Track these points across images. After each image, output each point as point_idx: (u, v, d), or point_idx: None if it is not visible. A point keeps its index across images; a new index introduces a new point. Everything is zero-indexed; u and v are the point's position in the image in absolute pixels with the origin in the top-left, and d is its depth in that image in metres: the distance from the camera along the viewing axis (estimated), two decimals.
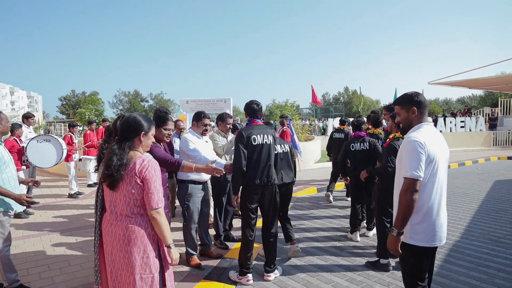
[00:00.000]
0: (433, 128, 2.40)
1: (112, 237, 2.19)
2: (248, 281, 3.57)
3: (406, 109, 2.39)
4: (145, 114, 2.51)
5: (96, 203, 2.40)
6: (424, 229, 2.25)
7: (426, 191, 2.24)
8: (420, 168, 2.16)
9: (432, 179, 2.25)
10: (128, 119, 2.27)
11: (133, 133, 2.23)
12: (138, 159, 2.15)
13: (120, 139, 2.23)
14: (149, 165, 2.16)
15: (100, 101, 16.74)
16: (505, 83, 22.48)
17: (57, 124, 30.72)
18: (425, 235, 2.25)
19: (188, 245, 3.93)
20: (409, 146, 2.23)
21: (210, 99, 21.98)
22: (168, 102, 64.96)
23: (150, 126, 2.30)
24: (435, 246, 2.31)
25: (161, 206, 2.17)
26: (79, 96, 65.41)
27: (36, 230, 5.39)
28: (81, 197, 7.78)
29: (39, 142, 6.45)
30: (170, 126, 3.36)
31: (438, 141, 2.32)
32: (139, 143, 2.25)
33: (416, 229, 2.25)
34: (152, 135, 2.33)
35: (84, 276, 3.76)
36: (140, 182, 2.13)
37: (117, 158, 2.12)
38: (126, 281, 2.14)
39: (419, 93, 2.42)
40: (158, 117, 3.34)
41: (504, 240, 4.65)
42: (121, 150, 2.15)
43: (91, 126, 9.01)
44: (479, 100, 53.03)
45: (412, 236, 2.26)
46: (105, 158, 2.20)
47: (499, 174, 10.22)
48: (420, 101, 2.37)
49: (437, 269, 3.82)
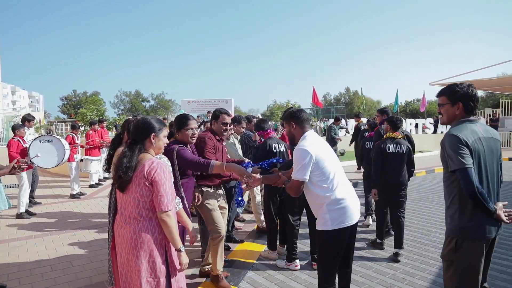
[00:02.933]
0: (315, 134, 2.71)
1: (122, 239, 2.19)
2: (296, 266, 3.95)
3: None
4: (156, 117, 2.53)
5: (109, 205, 2.42)
6: None
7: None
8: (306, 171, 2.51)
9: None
10: (139, 122, 2.30)
11: (143, 135, 2.25)
12: (148, 161, 2.16)
13: (131, 141, 2.26)
14: (158, 167, 2.15)
15: (101, 101, 16.82)
16: (506, 84, 22.45)
17: (59, 124, 30.80)
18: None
19: (205, 244, 3.88)
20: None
21: (212, 100, 22.02)
22: (170, 102, 65.04)
23: (161, 127, 2.31)
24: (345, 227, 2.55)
25: (170, 209, 2.16)
26: (80, 96, 65.53)
27: (38, 230, 5.41)
28: (83, 197, 7.79)
29: (41, 142, 6.47)
30: (192, 125, 3.18)
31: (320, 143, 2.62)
32: (150, 145, 2.26)
33: None
34: (164, 137, 2.33)
35: (87, 277, 3.77)
36: (149, 185, 2.13)
37: (126, 160, 2.14)
38: (135, 283, 2.15)
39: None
40: (178, 120, 3.23)
41: (506, 242, 4.65)
42: (131, 152, 2.17)
43: (93, 126, 9.05)
44: (481, 101, 52.90)
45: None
46: (116, 161, 2.22)
47: None
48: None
49: (438, 270, 3.83)
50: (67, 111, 61.45)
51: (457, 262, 2.20)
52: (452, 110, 2.29)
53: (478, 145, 2.16)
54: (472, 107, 2.25)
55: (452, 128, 2.27)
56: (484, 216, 2.14)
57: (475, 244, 2.16)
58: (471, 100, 2.24)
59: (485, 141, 2.22)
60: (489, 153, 2.22)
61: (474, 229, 2.15)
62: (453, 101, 2.27)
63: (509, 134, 18.01)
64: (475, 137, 2.17)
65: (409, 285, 3.54)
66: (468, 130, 2.18)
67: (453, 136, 2.16)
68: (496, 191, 2.28)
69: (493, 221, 2.16)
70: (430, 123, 17.41)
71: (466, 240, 2.17)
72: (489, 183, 2.21)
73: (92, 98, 17.25)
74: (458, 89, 2.27)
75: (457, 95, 2.26)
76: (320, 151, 2.54)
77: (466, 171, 2.08)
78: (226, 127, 3.62)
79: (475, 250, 2.16)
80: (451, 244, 2.22)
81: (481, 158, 2.17)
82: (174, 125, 3.26)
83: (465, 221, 2.16)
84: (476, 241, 2.16)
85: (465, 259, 2.18)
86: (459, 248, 2.18)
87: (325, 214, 2.52)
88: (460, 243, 2.18)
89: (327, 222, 2.52)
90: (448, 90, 2.30)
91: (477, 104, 2.28)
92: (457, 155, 2.11)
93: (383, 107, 5.99)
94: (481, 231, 2.15)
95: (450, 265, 2.23)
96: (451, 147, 2.14)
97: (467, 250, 2.17)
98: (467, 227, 2.16)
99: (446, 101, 2.31)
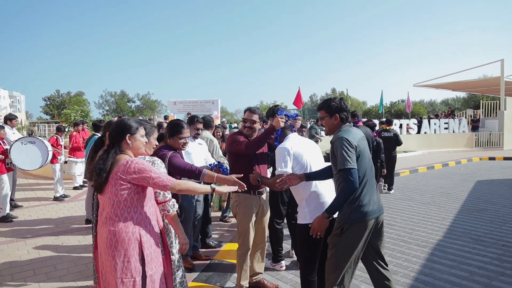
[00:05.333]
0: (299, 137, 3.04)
1: (100, 239, 2.21)
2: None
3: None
4: (134, 118, 2.52)
5: (93, 205, 2.41)
6: None
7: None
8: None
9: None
10: (114, 124, 2.31)
11: (118, 136, 2.24)
12: (123, 161, 2.16)
13: (108, 144, 2.27)
14: (133, 161, 2.15)
15: (86, 102, 16.58)
16: (486, 86, 23.17)
17: (41, 125, 30.13)
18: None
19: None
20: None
21: (198, 100, 21.94)
22: (156, 102, 64.43)
23: (137, 127, 2.29)
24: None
25: (174, 181, 2.18)
26: (64, 96, 64.29)
27: (21, 234, 5.30)
28: (66, 200, 7.66)
29: (23, 144, 6.34)
30: (185, 134, 3.15)
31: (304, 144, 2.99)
32: (127, 146, 2.25)
33: None
34: (141, 137, 2.31)
35: (72, 280, 3.72)
36: (127, 183, 2.13)
37: (101, 162, 2.15)
38: (111, 283, 2.16)
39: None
40: (172, 126, 3.15)
41: (484, 239, 4.80)
42: (106, 154, 2.18)
43: (77, 127, 8.91)
44: (462, 102, 54.31)
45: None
46: (94, 162, 2.22)
47: (481, 174, 10.51)
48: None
49: (421, 267, 3.94)
50: (50, 112, 60.19)
51: (339, 244, 2.49)
52: (331, 121, 2.65)
53: (362, 143, 2.53)
54: (346, 116, 2.63)
55: (340, 132, 2.56)
56: (366, 202, 2.48)
57: (358, 227, 2.46)
58: (344, 111, 2.63)
59: (363, 139, 2.61)
60: (367, 149, 2.60)
61: (357, 215, 2.46)
62: (330, 114, 2.63)
63: (489, 134, 18.52)
64: (359, 137, 2.55)
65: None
66: (353, 133, 2.53)
67: (343, 138, 2.45)
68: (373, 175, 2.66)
69: (372, 207, 2.50)
70: (414, 124, 17.75)
71: (352, 225, 2.46)
72: (371, 170, 2.60)
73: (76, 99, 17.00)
74: (333, 103, 2.63)
75: (333, 108, 2.62)
76: (300, 148, 2.88)
77: (350, 171, 2.38)
78: (245, 124, 3.37)
79: (358, 233, 2.46)
80: (337, 230, 2.51)
81: (365, 153, 2.54)
82: (166, 130, 3.20)
83: (352, 209, 2.47)
84: (360, 224, 2.46)
85: (348, 241, 2.48)
86: (344, 232, 2.47)
87: (305, 209, 2.78)
88: (346, 228, 2.47)
89: (306, 216, 2.76)
90: (325, 105, 2.67)
91: (349, 114, 2.66)
92: (345, 156, 2.40)
93: (354, 111, 6.57)
94: (363, 216, 2.46)
95: (333, 247, 2.53)
96: (341, 148, 2.43)
97: (351, 233, 2.46)
98: (353, 214, 2.47)
99: (325, 114, 2.67)
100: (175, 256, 2.60)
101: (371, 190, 2.54)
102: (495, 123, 18.81)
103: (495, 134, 18.30)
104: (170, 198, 2.58)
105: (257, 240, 3.42)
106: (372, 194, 2.54)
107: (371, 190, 2.53)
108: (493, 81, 20.56)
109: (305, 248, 2.82)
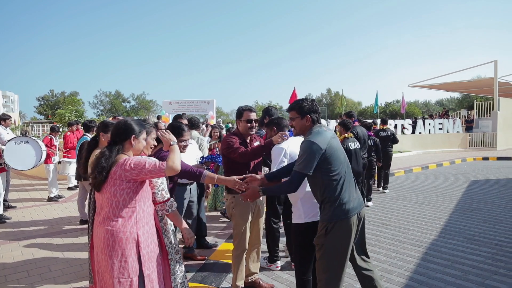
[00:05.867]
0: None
1: (97, 239, 2.21)
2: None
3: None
4: (137, 119, 2.53)
5: (89, 204, 2.42)
6: None
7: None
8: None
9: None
10: (119, 123, 2.33)
11: (123, 136, 2.27)
12: (121, 160, 2.18)
13: (110, 142, 2.28)
14: (129, 159, 2.18)
15: (80, 102, 16.46)
16: (480, 87, 23.37)
17: (35, 125, 29.89)
18: None
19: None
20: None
21: (193, 100, 21.89)
22: (151, 103, 64.16)
23: (141, 130, 2.34)
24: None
25: (166, 163, 2.19)
26: (58, 96, 63.82)
27: (14, 235, 5.26)
28: (61, 200, 7.61)
29: (17, 143, 6.29)
30: (186, 137, 3.17)
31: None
32: (130, 147, 2.29)
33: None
34: (143, 139, 2.36)
35: (66, 281, 3.70)
36: (127, 182, 2.15)
37: (104, 160, 2.17)
38: (108, 283, 2.17)
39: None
40: (173, 129, 3.11)
41: (478, 238, 4.85)
42: (109, 153, 2.20)
43: (71, 128, 8.85)
44: (457, 102, 54.69)
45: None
46: (94, 160, 2.23)
47: (475, 174, 10.60)
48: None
49: (415, 266, 3.97)
50: (44, 112, 59.71)
51: (326, 244, 2.48)
52: (302, 123, 2.62)
53: (333, 143, 2.51)
54: (317, 118, 2.63)
55: (310, 135, 2.54)
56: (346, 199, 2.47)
57: (343, 225, 2.45)
58: (316, 112, 2.62)
59: (334, 138, 2.60)
60: (340, 146, 2.63)
61: (340, 213, 2.45)
62: (302, 115, 2.60)
63: (483, 135, 18.69)
64: (329, 139, 2.52)
65: (387, 281, 3.64)
66: (322, 135, 2.50)
67: (311, 142, 2.44)
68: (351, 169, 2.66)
69: (353, 203, 2.50)
70: (409, 124, 17.86)
71: (336, 223, 2.45)
72: (348, 167, 2.59)
73: (71, 99, 16.88)
74: (305, 104, 2.61)
75: (304, 109, 2.60)
76: (296, 148, 2.84)
77: (302, 175, 2.44)
78: (252, 124, 3.32)
79: (343, 230, 2.45)
80: (322, 230, 2.50)
81: (338, 152, 2.53)
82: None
83: (334, 208, 2.46)
84: (344, 221, 2.45)
85: (335, 240, 2.46)
86: (329, 231, 2.45)
87: (300, 208, 2.79)
88: (331, 227, 2.45)
89: (301, 215, 2.78)
90: (297, 106, 2.63)
91: (320, 115, 2.65)
92: (304, 160, 2.42)
93: (350, 111, 7.02)
94: (345, 213, 2.45)
95: (320, 248, 2.52)
96: (305, 152, 2.44)
97: (336, 231, 2.45)
98: (335, 212, 2.46)
99: (296, 115, 2.63)
100: (173, 256, 2.60)
101: (350, 187, 2.53)
102: (488, 123, 18.99)
103: (488, 135, 18.48)
104: (169, 198, 2.59)
105: (252, 240, 3.42)
106: (351, 191, 2.53)
107: (349, 187, 2.53)
108: (487, 81, 20.76)
109: (300, 248, 2.83)
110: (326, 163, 2.44)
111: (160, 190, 2.53)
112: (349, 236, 2.47)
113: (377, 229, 5.36)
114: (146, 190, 2.31)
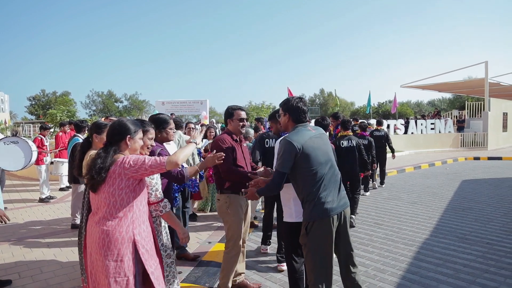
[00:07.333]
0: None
1: (91, 239, 2.20)
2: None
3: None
4: (132, 119, 2.53)
5: (83, 204, 2.40)
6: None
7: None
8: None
9: None
10: (114, 123, 2.32)
11: (118, 137, 2.26)
12: (118, 159, 2.18)
13: (106, 143, 2.27)
14: (128, 156, 2.19)
15: (72, 102, 16.32)
16: (471, 87, 23.65)
17: (26, 125, 29.55)
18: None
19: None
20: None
21: (187, 101, 21.84)
22: (144, 103, 63.69)
23: (136, 130, 2.33)
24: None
25: (167, 157, 2.20)
26: (49, 96, 63.01)
27: (5, 236, 5.19)
28: (52, 201, 7.54)
29: (6, 144, 6.21)
30: (172, 124, 3.34)
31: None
32: (126, 147, 2.28)
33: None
34: (139, 139, 2.35)
35: (58, 283, 3.66)
36: (127, 180, 2.15)
37: (100, 161, 2.15)
38: (103, 283, 2.15)
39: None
40: (159, 121, 3.21)
41: (469, 237, 4.90)
42: (105, 154, 2.19)
43: (63, 128, 8.77)
44: (448, 103, 55.24)
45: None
46: (90, 161, 2.22)
47: (466, 174, 10.74)
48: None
49: (408, 266, 4.00)
50: (35, 112, 58.93)
51: (308, 244, 2.51)
52: (284, 119, 2.68)
53: (310, 143, 2.50)
54: (300, 117, 2.61)
55: (289, 134, 2.59)
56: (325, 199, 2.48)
57: (322, 224, 2.47)
58: (298, 111, 2.61)
59: (316, 138, 2.57)
60: (324, 145, 2.59)
61: (318, 212, 2.47)
62: (284, 112, 2.67)
63: (474, 135, 18.93)
64: (307, 138, 2.50)
65: (380, 281, 3.67)
66: (299, 134, 2.52)
67: (287, 141, 2.47)
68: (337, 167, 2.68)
69: (332, 203, 2.50)
70: (402, 124, 18.01)
71: (315, 222, 2.47)
72: (330, 168, 2.57)
73: (62, 99, 16.72)
74: (289, 101, 2.65)
75: (286, 106, 2.64)
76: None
77: (281, 174, 2.48)
78: (244, 122, 3.35)
79: (322, 230, 2.48)
80: (303, 229, 2.53)
81: (317, 152, 2.51)
82: (154, 126, 3.20)
83: (311, 207, 2.49)
84: (323, 221, 2.47)
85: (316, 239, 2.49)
86: (309, 231, 2.49)
87: (291, 207, 2.81)
88: (310, 226, 2.49)
89: (292, 214, 2.81)
90: (283, 103, 2.69)
91: (305, 115, 2.63)
92: (281, 158, 2.47)
93: (336, 112, 7.18)
94: (324, 212, 2.47)
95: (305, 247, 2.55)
96: (280, 150, 2.50)
97: (316, 231, 2.48)
98: (313, 212, 2.48)
99: (281, 111, 2.70)
100: (164, 259, 2.60)
101: (331, 187, 2.52)
102: (479, 123, 19.24)
103: (479, 134, 18.71)
104: (162, 199, 2.59)
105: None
106: (332, 191, 2.52)
107: (330, 187, 2.51)
108: (478, 82, 21.02)
109: (291, 246, 2.85)
110: (303, 162, 2.46)
111: (154, 190, 2.53)
112: (329, 235, 2.49)
113: (370, 229, 5.40)
114: (143, 190, 2.31)
